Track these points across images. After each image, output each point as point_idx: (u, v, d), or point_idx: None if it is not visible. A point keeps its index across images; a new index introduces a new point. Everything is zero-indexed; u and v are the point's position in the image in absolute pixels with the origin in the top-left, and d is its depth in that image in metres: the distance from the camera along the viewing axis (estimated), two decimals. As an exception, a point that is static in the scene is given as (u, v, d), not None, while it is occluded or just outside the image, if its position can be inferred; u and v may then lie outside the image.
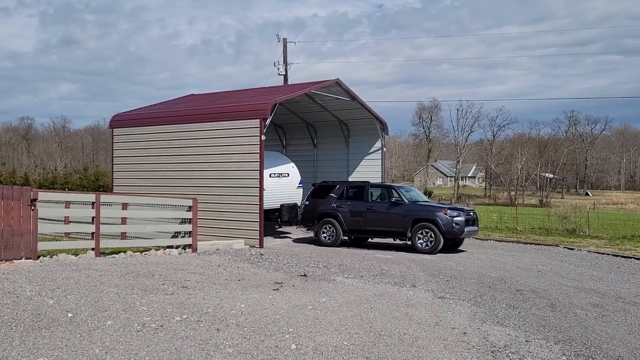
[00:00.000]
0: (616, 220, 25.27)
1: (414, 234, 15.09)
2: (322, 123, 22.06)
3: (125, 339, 6.04)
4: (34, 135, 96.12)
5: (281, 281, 9.99)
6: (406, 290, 9.55)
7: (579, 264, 13.77)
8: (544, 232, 21.70)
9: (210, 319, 7.01)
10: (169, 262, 11.65)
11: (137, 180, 18.09)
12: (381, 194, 16.40)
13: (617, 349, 6.46)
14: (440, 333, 6.81)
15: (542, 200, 60.06)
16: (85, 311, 7.11)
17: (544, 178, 75.51)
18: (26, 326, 6.39)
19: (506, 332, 7.04)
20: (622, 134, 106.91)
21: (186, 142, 17.02)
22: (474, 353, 6.07)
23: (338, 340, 6.34)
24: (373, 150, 20.89)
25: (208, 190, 16.09)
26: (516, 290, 9.95)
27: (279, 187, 17.78)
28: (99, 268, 10.39)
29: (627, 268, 13.37)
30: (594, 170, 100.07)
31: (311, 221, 17.02)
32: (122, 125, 19.21)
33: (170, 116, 18.04)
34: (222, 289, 8.99)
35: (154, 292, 8.48)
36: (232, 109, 16.75)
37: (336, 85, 18.65)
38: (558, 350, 6.32)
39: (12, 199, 10.70)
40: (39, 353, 5.54)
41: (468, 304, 8.65)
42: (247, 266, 11.73)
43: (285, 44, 30.87)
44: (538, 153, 77.18)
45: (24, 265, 10.41)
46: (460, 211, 15.39)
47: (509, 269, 12.48)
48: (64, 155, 75.86)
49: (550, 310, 8.35)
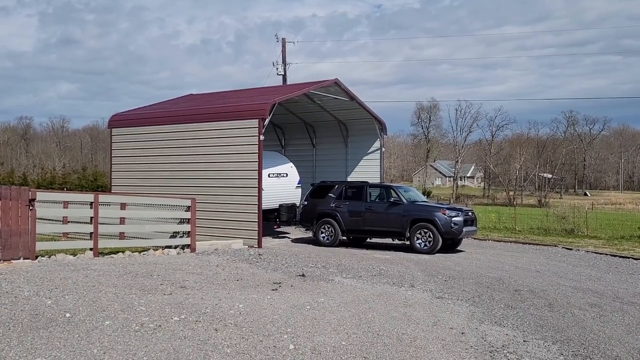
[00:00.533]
0: (614, 221, 25.28)
1: (413, 234, 15.11)
2: (320, 123, 22.06)
3: (123, 339, 6.04)
4: (33, 135, 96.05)
5: (280, 281, 9.99)
6: (404, 291, 9.56)
7: (577, 264, 13.79)
8: (542, 232, 21.72)
9: (208, 319, 7.01)
10: (167, 262, 11.64)
11: (135, 180, 18.09)
12: (380, 194, 16.41)
13: (614, 349, 6.48)
14: (439, 333, 6.81)
15: (540, 201, 60.20)
16: (83, 311, 7.10)
17: (543, 178, 75.61)
18: (24, 326, 6.38)
19: (504, 332, 7.05)
20: (620, 134, 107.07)
21: (185, 142, 17.02)
22: (472, 353, 6.08)
23: (336, 340, 6.35)
24: (372, 150, 20.89)
25: (207, 190, 16.09)
26: (514, 290, 9.96)
27: (278, 187, 17.78)
28: (97, 268, 10.38)
29: (625, 268, 13.39)
30: (593, 170, 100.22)
31: (310, 221, 17.02)
32: (121, 125, 19.21)
33: (169, 116, 18.05)
34: (221, 289, 8.99)
35: (153, 292, 8.48)
36: (231, 109, 16.76)
37: (335, 85, 18.65)
38: (556, 350, 6.33)
39: (10, 199, 10.69)
40: (37, 353, 5.53)
41: (466, 304, 8.66)
42: (245, 266, 11.73)
43: (284, 44, 30.89)
44: (536, 153, 77.27)
45: (22, 265, 10.41)
46: (459, 211, 15.41)
47: (507, 269, 12.50)
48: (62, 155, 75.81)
49: (548, 310, 8.36)
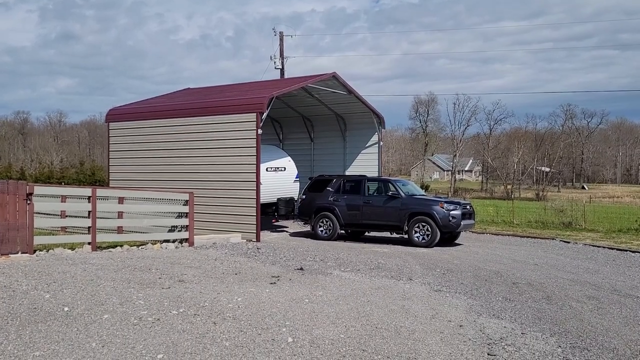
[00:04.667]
0: (612, 214, 25.35)
1: (411, 228, 15.12)
2: (318, 117, 22.03)
3: (122, 333, 6.04)
4: (30, 130, 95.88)
5: (278, 275, 9.99)
6: (403, 284, 9.57)
7: (575, 257, 13.83)
8: (540, 226, 21.75)
9: (207, 312, 7.01)
10: (165, 256, 11.64)
11: (133, 174, 18.07)
12: (378, 187, 16.41)
13: (612, 340, 6.49)
14: (437, 326, 6.83)
15: (538, 194, 60.29)
16: (81, 305, 7.10)
17: (541, 172, 75.69)
18: (22, 320, 6.38)
19: (502, 324, 7.06)
20: (618, 127, 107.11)
21: (183, 136, 16.98)
22: (470, 345, 6.09)
23: (335, 333, 6.35)
24: (370, 144, 20.87)
25: (205, 184, 16.08)
26: (512, 283, 9.98)
27: (276, 181, 17.77)
28: (96, 262, 10.37)
29: (622, 261, 13.42)
30: (590, 163, 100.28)
31: (308, 215, 17.02)
32: (118, 120, 19.15)
33: (167, 110, 18.00)
34: (219, 283, 8.99)
35: (151, 286, 8.48)
36: (229, 103, 16.72)
37: (333, 79, 18.61)
38: (554, 343, 6.34)
39: (7, 193, 10.66)
40: (35, 347, 5.53)
41: (464, 297, 8.68)
42: (244, 260, 11.73)
43: (282, 37, 30.75)
44: (534, 147, 77.28)
45: (20, 259, 10.39)
46: (457, 205, 15.42)
47: (505, 262, 12.52)
48: (60, 150, 75.68)
49: (546, 303, 8.39)
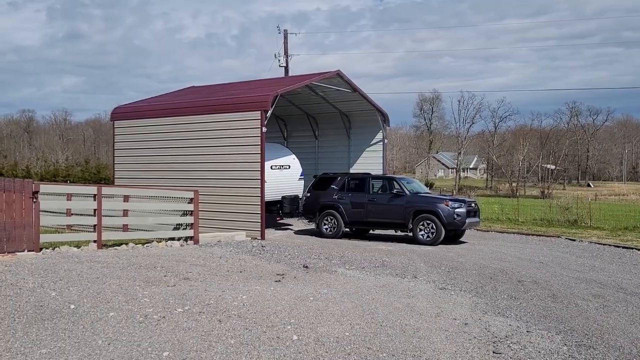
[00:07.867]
0: (618, 212, 25.20)
1: (415, 226, 15.10)
2: (323, 115, 22.01)
3: (127, 330, 6.06)
4: (36, 128, 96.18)
5: (283, 273, 10.01)
6: (407, 282, 9.56)
7: (580, 255, 13.78)
8: (545, 224, 21.69)
9: (212, 310, 7.02)
10: (170, 254, 11.67)
11: (138, 172, 18.12)
12: (382, 185, 16.39)
13: (618, 339, 6.47)
14: (442, 324, 6.82)
15: (543, 192, 59.98)
16: (87, 303, 7.13)
17: (546, 169, 75.33)
18: (29, 318, 6.41)
19: (507, 322, 7.05)
20: (624, 125, 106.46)
21: (187, 134, 17.01)
22: (475, 344, 6.08)
23: (340, 331, 6.36)
24: (374, 141, 20.85)
25: (209, 182, 16.10)
26: (517, 281, 9.96)
27: (280, 179, 17.79)
28: (101, 260, 10.42)
29: (628, 259, 13.37)
30: (596, 161, 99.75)
31: (312, 213, 17.03)
32: (123, 118, 19.21)
33: (171, 108, 18.03)
34: (224, 281, 9.01)
35: (156, 283, 8.51)
36: (233, 101, 16.72)
37: (337, 76, 18.58)
38: (559, 341, 6.33)
39: (14, 192, 10.71)
40: (42, 344, 5.56)
41: (469, 295, 8.66)
42: (248, 258, 11.75)
43: (286, 35, 30.76)
44: (540, 144, 76.91)
45: (26, 257, 10.44)
46: (462, 202, 15.39)
47: (510, 260, 12.49)
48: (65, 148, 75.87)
49: (551, 301, 8.36)
